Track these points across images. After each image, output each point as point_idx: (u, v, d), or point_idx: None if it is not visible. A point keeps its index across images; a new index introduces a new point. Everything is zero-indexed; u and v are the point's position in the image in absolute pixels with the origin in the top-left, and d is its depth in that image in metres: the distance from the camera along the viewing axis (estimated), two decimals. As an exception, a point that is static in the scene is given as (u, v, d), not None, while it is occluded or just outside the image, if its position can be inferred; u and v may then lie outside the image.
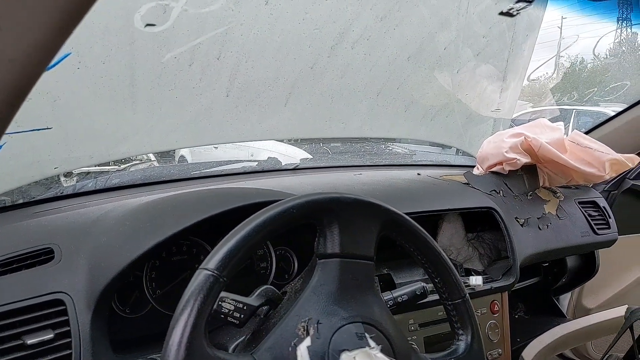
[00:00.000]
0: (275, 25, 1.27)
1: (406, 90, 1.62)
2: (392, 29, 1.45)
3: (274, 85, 1.31)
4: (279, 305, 0.70)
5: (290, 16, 1.27)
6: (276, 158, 1.58)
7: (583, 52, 2.36)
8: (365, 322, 0.68)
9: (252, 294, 0.68)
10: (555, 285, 1.64)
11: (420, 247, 0.79)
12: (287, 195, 0.84)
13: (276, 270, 1.03)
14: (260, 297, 0.68)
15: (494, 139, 1.50)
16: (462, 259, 1.34)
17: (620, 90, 1.91)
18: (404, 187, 1.32)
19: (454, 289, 0.80)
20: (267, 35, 1.27)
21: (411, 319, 1.08)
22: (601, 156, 1.44)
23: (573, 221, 1.46)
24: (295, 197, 0.70)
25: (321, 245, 0.71)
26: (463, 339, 0.80)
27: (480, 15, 1.60)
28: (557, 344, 1.48)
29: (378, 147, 2.04)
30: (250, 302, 0.66)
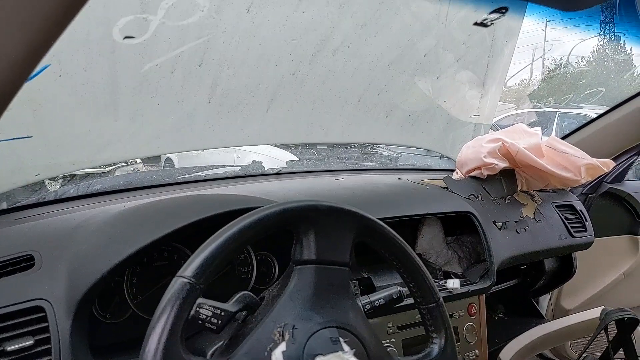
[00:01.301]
0: (257, 33, 1.28)
1: (387, 96, 1.64)
2: (373, 36, 1.47)
3: (255, 92, 1.33)
4: (256, 310, 0.72)
5: (271, 24, 1.29)
6: (260, 162, 1.60)
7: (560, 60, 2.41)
8: (339, 327, 0.70)
9: (229, 300, 0.70)
10: (533, 287, 1.67)
11: (395, 253, 0.81)
12: (266, 202, 0.86)
13: (257, 275, 1.04)
14: (237, 303, 0.70)
15: (473, 144, 1.53)
16: (442, 262, 1.37)
17: (594, 97, 1.96)
18: (384, 192, 1.34)
19: (428, 293, 0.82)
20: (248, 43, 1.28)
21: (390, 322, 1.10)
22: (577, 161, 1.47)
23: (550, 224, 1.50)
24: (273, 204, 0.71)
25: (297, 252, 0.73)
26: (437, 342, 0.82)
27: (460, 22, 1.63)
28: (535, 344, 1.51)
29: (364, 150, 2.06)
30: (228, 308, 0.67)
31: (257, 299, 0.73)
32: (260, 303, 0.73)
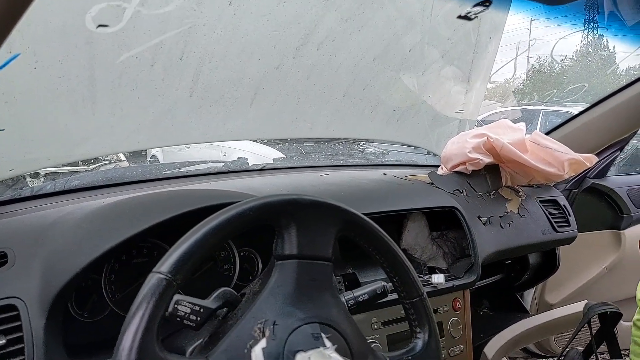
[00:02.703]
0: (239, 25, 1.26)
1: (372, 91, 1.63)
2: (358, 31, 1.46)
3: (238, 86, 1.31)
4: (237, 307, 0.70)
5: (254, 17, 1.27)
6: (245, 158, 1.58)
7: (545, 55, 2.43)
8: (321, 323, 0.69)
9: (209, 297, 0.68)
10: (518, 281, 1.68)
11: (378, 247, 0.80)
12: (247, 196, 0.84)
13: (240, 272, 1.03)
14: (218, 299, 0.68)
15: (458, 140, 1.53)
16: (427, 257, 1.36)
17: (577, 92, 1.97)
18: (369, 187, 1.33)
19: (411, 288, 0.81)
20: (231, 36, 1.26)
21: (374, 318, 1.09)
22: (560, 156, 1.48)
23: (534, 219, 1.50)
24: (253, 199, 0.70)
25: (279, 247, 0.72)
26: (420, 337, 0.81)
27: (445, 17, 1.63)
28: (519, 338, 1.52)
29: (351, 146, 2.06)
30: (207, 305, 0.66)
31: (238, 295, 0.72)
32: (241, 299, 0.72)
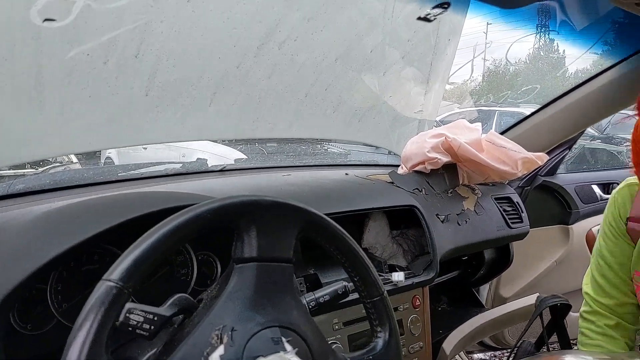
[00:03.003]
0: (198, 23, 1.24)
1: (334, 91, 1.63)
2: (320, 30, 1.46)
3: (197, 85, 1.28)
4: (193, 313, 0.69)
5: (214, 14, 1.24)
6: (205, 159, 1.55)
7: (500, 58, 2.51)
8: (282, 326, 0.68)
9: (164, 304, 0.66)
10: (474, 277, 1.73)
11: (340, 247, 0.80)
12: (205, 198, 0.83)
13: (198, 276, 1.01)
14: (173, 306, 0.66)
15: (417, 140, 1.55)
16: (387, 255, 1.38)
17: (530, 93, 2.04)
18: (331, 187, 1.34)
19: (372, 287, 0.82)
20: (189, 33, 1.23)
21: (335, 318, 1.09)
22: (514, 155, 1.53)
23: (490, 216, 1.55)
24: (211, 200, 0.69)
25: (238, 250, 0.70)
26: (381, 336, 0.82)
27: (405, 19, 1.65)
28: (475, 332, 1.56)
29: (313, 147, 2.05)
30: (162, 312, 0.64)
31: (194, 301, 0.70)
32: (198, 305, 0.70)
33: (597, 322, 1.15)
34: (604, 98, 1.55)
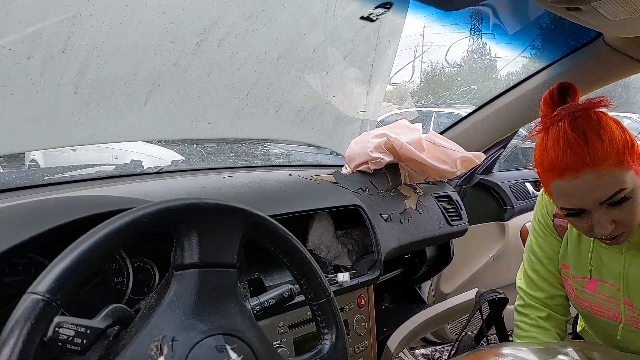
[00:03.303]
0: (132, 17, 1.18)
1: (276, 90, 1.61)
2: (261, 28, 1.43)
3: (131, 82, 1.21)
4: (130, 324, 0.64)
5: (149, 9, 1.19)
6: (140, 161, 1.47)
7: (439, 59, 2.59)
8: (226, 334, 0.66)
9: (97, 315, 0.62)
10: (416, 274, 1.77)
11: (285, 250, 0.78)
12: (141, 202, 0.78)
13: (134, 285, 0.95)
14: (107, 317, 0.62)
15: (360, 139, 1.56)
16: (332, 256, 1.37)
17: (468, 94, 2.11)
18: (274, 188, 1.31)
19: (318, 289, 0.81)
20: (122, 28, 1.17)
21: (280, 322, 1.07)
22: (453, 154, 1.57)
23: (431, 214, 1.58)
24: (148, 204, 0.65)
25: (178, 256, 0.67)
26: (328, 338, 0.81)
27: (347, 19, 1.66)
28: (419, 329, 1.59)
29: (254, 147, 2.01)
30: (95, 325, 0.59)
31: (131, 311, 0.66)
32: (135, 315, 0.66)
33: (530, 315, 1.20)
34: (536, 99, 1.63)
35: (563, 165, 0.86)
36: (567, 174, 0.86)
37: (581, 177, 0.85)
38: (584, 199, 0.88)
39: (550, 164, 0.88)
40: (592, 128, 0.86)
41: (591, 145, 0.84)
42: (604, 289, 1.07)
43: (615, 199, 0.86)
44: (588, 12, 0.97)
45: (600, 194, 0.86)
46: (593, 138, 0.85)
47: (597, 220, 0.89)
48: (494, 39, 1.85)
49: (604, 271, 1.06)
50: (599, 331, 1.18)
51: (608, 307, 1.07)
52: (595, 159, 0.84)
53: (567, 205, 0.91)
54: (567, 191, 0.88)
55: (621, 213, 0.89)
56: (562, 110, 0.91)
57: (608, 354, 1.03)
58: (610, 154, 0.84)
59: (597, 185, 0.85)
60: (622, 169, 0.85)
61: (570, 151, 0.85)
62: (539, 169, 0.93)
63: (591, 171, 0.84)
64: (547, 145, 0.89)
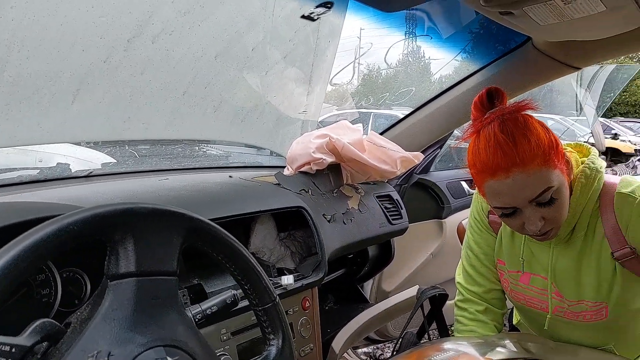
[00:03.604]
0: (57, 10, 1.10)
1: (215, 90, 1.57)
2: (197, 25, 1.38)
3: (57, 80, 1.13)
4: (60, 340, 0.59)
5: (75, 2, 1.11)
6: (67, 164, 1.37)
7: (378, 61, 2.64)
8: (167, 345, 0.62)
9: (23, 332, 0.56)
10: (359, 274, 1.78)
11: (227, 254, 0.76)
12: (70, 208, 0.72)
13: (63, 297, 0.88)
14: (34, 333, 0.57)
15: (302, 140, 1.55)
16: (275, 259, 1.35)
17: (407, 95, 2.16)
18: (214, 191, 1.27)
19: (263, 293, 0.79)
20: (46, 22, 1.09)
21: (223, 329, 1.04)
22: (393, 154, 1.60)
23: (372, 214, 1.60)
24: (77, 210, 0.60)
25: (113, 265, 0.62)
26: (274, 344, 0.79)
27: (286, 18, 1.64)
28: (362, 328, 1.60)
29: (191, 149, 1.95)
30: (20, 342, 0.54)
31: (61, 325, 0.61)
32: (66, 330, 0.61)
33: (469, 309, 1.24)
34: (470, 101, 1.69)
35: (495, 165, 0.90)
36: (499, 174, 0.90)
37: (511, 176, 0.89)
38: (514, 197, 0.92)
39: (483, 165, 0.92)
40: (519, 130, 0.90)
41: (519, 146, 0.89)
42: (536, 281, 1.12)
43: (544, 196, 0.91)
44: (519, 17, 1.02)
45: (530, 192, 0.91)
46: (521, 139, 0.89)
47: (528, 218, 0.94)
48: (429, 43, 1.91)
49: (535, 264, 1.12)
50: (532, 323, 1.24)
51: (540, 299, 1.12)
52: (524, 159, 0.88)
53: (500, 205, 0.95)
54: (499, 191, 0.92)
55: (549, 210, 0.94)
56: (492, 113, 0.95)
57: (542, 344, 1.09)
58: (537, 154, 0.89)
59: (526, 184, 0.90)
60: (549, 168, 0.90)
61: (500, 152, 0.90)
62: (472, 171, 0.97)
63: (520, 171, 0.89)
64: (479, 147, 0.93)
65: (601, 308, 1.04)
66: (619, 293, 1.02)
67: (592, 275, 1.03)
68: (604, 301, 1.03)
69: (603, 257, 1.02)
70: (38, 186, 1.12)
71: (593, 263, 1.03)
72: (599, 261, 1.02)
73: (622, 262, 1.00)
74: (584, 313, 1.06)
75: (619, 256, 0.99)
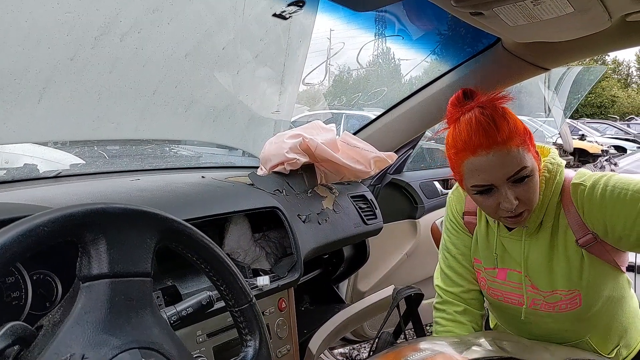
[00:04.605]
0: (22, 6, 1.07)
1: (185, 89, 1.54)
2: (166, 24, 1.36)
3: (22, 78, 1.09)
4: (32, 343, 0.57)
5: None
6: (34, 165, 1.33)
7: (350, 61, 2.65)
8: (142, 347, 0.61)
9: None
10: (335, 274, 1.78)
11: (202, 255, 0.75)
12: (38, 209, 0.70)
13: (34, 300, 0.85)
14: (4, 337, 0.54)
15: (275, 140, 1.54)
16: (250, 260, 1.34)
17: (380, 95, 2.17)
18: (187, 192, 1.25)
19: (240, 294, 0.78)
20: (10, 18, 1.06)
21: (199, 330, 1.02)
22: (367, 154, 1.60)
23: (347, 214, 1.60)
24: (47, 211, 0.58)
25: (85, 266, 0.61)
26: (251, 345, 0.78)
27: (257, 17, 1.63)
28: (339, 329, 1.60)
29: (162, 149, 1.91)
30: None
31: (32, 328, 0.59)
32: (37, 333, 0.59)
33: (447, 310, 1.25)
34: (441, 101, 1.71)
35: (477, 143, 0.96)
36: (480, 151, 0.96)
37: (491, 153, 0.95)
38: (493, 174, 0.97)
39: (465, 143, 0.98)
40: (498, 114, 0.98)
41: (500, 126, 0.96)
42: (513, 276, 1.14)
43: (520, 175, 0.97)
44: (490, 17, 1.04)
45: (507, 170, 0.96)
46: (500, 121, 0.96)
47: (504, 196, 0.98)
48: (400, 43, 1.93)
49: (508, 259, 1.14)
50: (509, 321, 1.26)
51: (517, 293, 1.15)
52: (504, 138, 0.95)
53: (478, 182, 0.99)
54: (479, 167, 0.97)
55: (523, 190, 0.99)
56: (471, 104, 1.01)
57: (518, 342, 1.11)
58: (516, 134, 0.97)
59: (504, 162, 0.96)
60: (525, 149, 0.98)
61: (482, 131, 0.96)
62: (452, 151, 1.02)
63: (500, 149, 0.95)
64: (460, 129, 0.99)
65: (574, 296, 1.07)
66: (589, 279, 1.06)
67: (562, 264, 1.07)
68: (576, 289, 1.07)
69: (569, 245, 1.07)
70: (5, 187, 1.08)
71: (561, 252, 1.07)
72: (567, 250, 1.07)
73: (587, 249, 1.05)
74: (559, 303, 1.09)
75: (583, 243, 1.05)
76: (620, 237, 1.00)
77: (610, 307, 1.12)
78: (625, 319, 1.16)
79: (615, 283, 1.11)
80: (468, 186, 1.03)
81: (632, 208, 0.96)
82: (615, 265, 1.08)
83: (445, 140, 1.04)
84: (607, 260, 1.06)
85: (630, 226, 0.97)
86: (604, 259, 1.06)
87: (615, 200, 0.98)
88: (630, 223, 0.97)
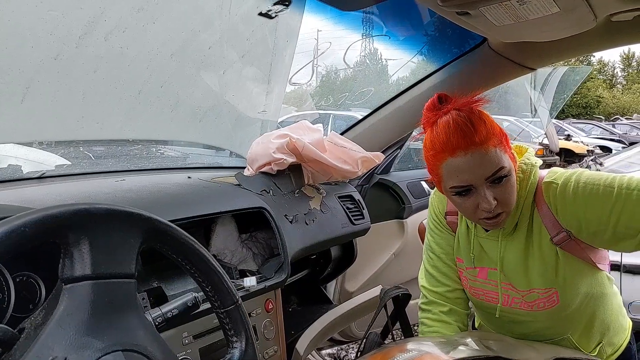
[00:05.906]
0: (4, 4, 1.05)
1: (171, 89, 1.53)
2: (152, 23, 1.35)
3: (4, 77, 1.08)
4: (14, 346, 0.57)
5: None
6: (18, 165, 1.31)
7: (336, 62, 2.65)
8: (126, 350, 0.60)
9: None
10: (322, 274, 1.78)
11: (188, 256, 0.74)
12: (21, 209, 0.69)
13: (17, 302, 0.84)
14: None
15: (262, 140, 1.54)
16: (237, 260, 1.33)
17: (367, 95, 2.18)
18: (173, 192, 1.24)
19: (226, 295, 0.78)
20: (-8, 16, 1.04)
21: (184, 332, 1.01)
22: (354, 154, 1.61)
23: (334, 214, 1.60)
24: (29, 212, 0.57)
25: (67, 268, 0.60)
26: (237, 346, 0.78)
27: (243, 17, 1.62)
28: (326, 329, 1.60)
29: (148, 150, 1.89)
30: None
31: (14, 331, 0.58)
32: (19, 336, 0.58)
33: (433, 310, 1.26)
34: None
35: (455, 144, 0.97)
36: (458, 152, 0.97)
37: (470, 154, 0.96)
38: (472, 174, 0.98)
39: (443, 144, 0.98)
40: (475, 116, 0.99)
41: (477, 128, 0.97)
42: (494, 275, 1.15)
43: (498, 175, 0.98)
44: (476, 17, 1.04)
45: (486, 170, 0.97)
46: (477, 123, 0.98)
47: (483, 197, 0.99)
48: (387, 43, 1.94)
49: (486, 258, 1.15)
50: (491, 320, 1.27)
51: (496, 291, 1.16)
52: (481, 139, 0.96)
53: (457, 183, 1.00)
54: (458, 168, 0.98)
55: (501, 191, 1.00)
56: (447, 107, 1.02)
57: (503, 341, 1.12)
58: (493, 135, 0.98)
59: (482, 162, 0.97)
60: (502, 150, 0.99)
61: (460, 132, 0.97)
62: (430, 153, 1.02)
63: (478, 149, 0.96)
64: (438, 132, 1.00)
65: (551, 294, 1.09)
66: (565, 277, 1.07)
67: (538, 263, 1.09)
68: (552, 287, 1.08)
69: (544, 244, 1.08)
70: (-13, 188, 1.06)
71: (537, 251, 1.09)
72: (542, 249, 1.08)
73: (562, 247, 1.06)
74: (537, 301, 1.10)
75: (558, 241, 1.06)
76: (595, 232, 1.01)
77: (589, 304, 1.13)
78: (606, 316, 1.18)
79: (593, 280, 1.12)
80: (447, 187, 1.03)
81: (606, 201, 0.98)
82: (591, 262, 1.09)
83: (423, 144, 1.05)
84: (582, 258, 1.07)
85: (606, 220, 0.98)
86: (579, 256, 1.07)
87: (588, 196, 1.00)
88: (606, 217, 0.98)
